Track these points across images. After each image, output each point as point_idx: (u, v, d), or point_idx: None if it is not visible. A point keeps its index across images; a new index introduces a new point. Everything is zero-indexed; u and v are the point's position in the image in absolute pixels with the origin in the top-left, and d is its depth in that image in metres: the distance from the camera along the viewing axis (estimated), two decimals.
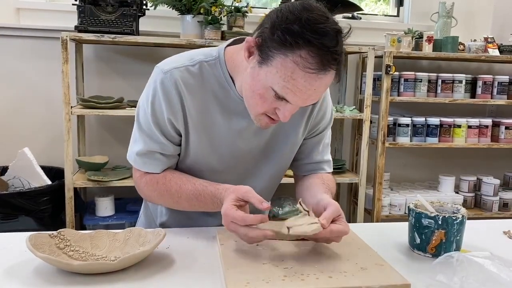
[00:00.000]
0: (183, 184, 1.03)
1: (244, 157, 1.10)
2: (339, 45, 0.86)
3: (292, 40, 0.84)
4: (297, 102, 0.90)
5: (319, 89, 0.89)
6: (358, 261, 0.88)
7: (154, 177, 1.06)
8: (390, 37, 2.42)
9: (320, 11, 0.87)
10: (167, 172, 1.06)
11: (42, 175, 2.18)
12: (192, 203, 1.03)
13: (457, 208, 1.01)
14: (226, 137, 1.06)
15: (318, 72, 0.85)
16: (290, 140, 1.12)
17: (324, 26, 0.84)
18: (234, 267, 0.84)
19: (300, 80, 0.86)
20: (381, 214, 2.49)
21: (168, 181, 1.04)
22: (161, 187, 1.05)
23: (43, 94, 2.39)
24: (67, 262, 0.81)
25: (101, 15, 2.14)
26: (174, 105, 1.00)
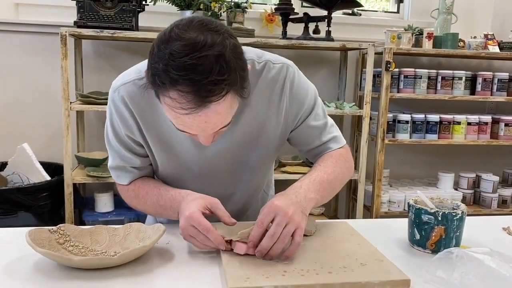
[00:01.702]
0: (149, 190, 1.05)
1: (216, 164, 1.06)
2: (219, 71, 0.76)
3: (159, 81, 0.78)
4: (200, 133, 0.86)
5: (210, 120, 0.82)
6: (358, 257, 0.88)
7: (127, 187, 1.09)
8: (390, 34, 2.42)
9: (189, 38, 0.76)
10: (137, 181, 1.09)
11: (41, 170, 2.17)
12: (154, 207, 1.04)
13: (457, 204, 1.01)
14: (188, 148, 1.03)
15: (194, 110, 0.78)
16: (264, 136, 1.06)
17: (189, 59, 0.75)
18: (234, 262, 0.84)
19: (184, 118, 0.81)
20: (380, 210, 2.49)
21: (137, 188, 1.08)
22: (131, 194, 1.09)
23: (42, 90, 2.38)
24: (68, 257, 0.81)
25: (101, 10, 2.13)
26: (127, 121, 1.00)
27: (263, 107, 1.03)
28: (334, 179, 1.04)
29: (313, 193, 0.96)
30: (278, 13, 2.39)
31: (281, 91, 1.03)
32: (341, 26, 2.62)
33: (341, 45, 2.32)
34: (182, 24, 0.79)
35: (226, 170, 1.09)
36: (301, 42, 2.28)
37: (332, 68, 2.67)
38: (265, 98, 1.02)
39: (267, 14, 2.50)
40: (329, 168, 1.04)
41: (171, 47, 0.76)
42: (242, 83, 0.82)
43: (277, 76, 1.02)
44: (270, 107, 1.04)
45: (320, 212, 2.58)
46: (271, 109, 1.04)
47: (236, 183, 1.12)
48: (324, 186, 1.00)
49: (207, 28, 0.79)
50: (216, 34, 0.78)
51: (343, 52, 2.62)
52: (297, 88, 1.05)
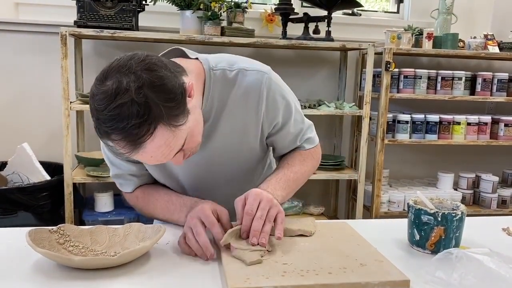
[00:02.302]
0: (160, 196, 1.08)
1: (202, 174, 1.09)
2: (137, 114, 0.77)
3: (98, 133, 0.83)
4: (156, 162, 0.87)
5: (155, 154, 0.84)
6: (358, 257, 0.88)
7: (132, 194, 1.13)
8: (390, 34, 2.42)
9: (106, 89, 0.78)
10: (145, 187, 1.12)
11: (41, 170, 2.17)
12: (163, 212, 1.07)
13: (457, 205, 1.01)
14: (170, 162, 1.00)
15: (133, 152, 0.82)
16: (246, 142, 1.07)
17: (108, 112, 0.77)
18: (234, 263, 0.84)
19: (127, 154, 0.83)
20: (380, 210, 2.49)
21: (147, 195, 1.10)
22: (140, 202, 1.11)
23: (42, 90, 2.38)
24: (68, 257, 0.81)
25: (101, 10, 2.13)
26: None
27: (240, 114, 1.03)
28: (300, 177, 1.11)
29: (279, 191, 1.01)
30: (278, 13, 2.39)
31: (258, 98, 1.02)
32: (341, 26, 2.62)
33: (341, 45, 2.32)
34: (100, 75, 0.82)
35: (213, 179, 1.11)
36: (301, 42, 2.28)
37: (332, 68, 2.68)
38: (242, 105, 1.03)
39: (267, 14, 2.50)
40: (296, 167, 1.10)
41: (95, 103, 0.81)
42: (170, 113, 0.81)
43: (253, 83, 1.01)
44: (248, 114, 1.04)
45: (320, 212, 2.58)
46: (249, 115, 1.04)
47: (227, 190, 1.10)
48: (289, 185, 1.06)
49: (121, 71, 0.80)
50: (128, 75, 0.79)
51: (343, 52, 2.62)
52: (273, 94, 1.04)
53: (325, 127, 2.72)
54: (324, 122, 2.70)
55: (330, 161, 2.47)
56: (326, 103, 2.42)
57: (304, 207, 2.55)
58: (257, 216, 0.90)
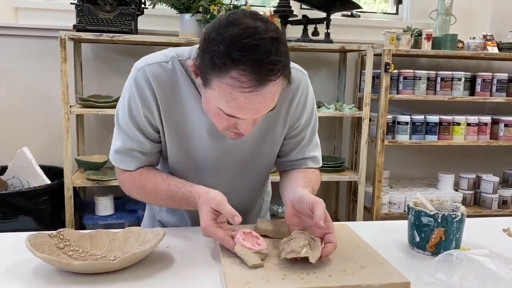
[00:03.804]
0: (158, 184, 1.04)
1: (224, 160, 1.08)
2: (277, 53, 0.81)
3: (220, 62, 0.81)
4: (248, 117, 0.89)
5: (264, 101, 0.86)
6: (358, 260, 0.88)
7: (131, 175, 1.06)
8: (389, 35, 2.42)
9: (247, 23, 0.82)
10: (143, 170, 1.06)
11: (42, 174, 2.17)
12: (168, 202, 1.05)
13: (457, 206, 1.01)
14: (202, 140, 1.05)
15: (255, 88, 0.82)
16: (269, 137, 1.09)
17: (251, 40, 0.80)
18: (234, 266, 0.84)
19: (240, 99, 0.84)
20: (380, 212, 2.49)
21: (144, 180, 1.05)
22: (137, 185, 1.06)
23: (42, 94, 2.39)
24: (67, 262, 0.81)
25: (100, 14, 2.14)
26: (149, 101, 1.01)
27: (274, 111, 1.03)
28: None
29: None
30: (277, 15, 2.39)
31: (293, 94, 1.07)
32: (340, 28, 2.62)
33: (340, 47, 2.32)
34: (237, 13, 0.85)
35: (231, 168, 1.10)
36: (300, 44, 2.28)
37: (331, 70, 2.68)
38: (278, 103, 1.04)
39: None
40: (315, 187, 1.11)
41: (231, 31, 0.81)
42: (289, 69, 0.87)
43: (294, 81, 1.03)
44: (280, 108, 1.06)
45: None
46: (281, 111, 1.07)
47: (238, 184, 1.13)
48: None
49: (258, 17, 0.85)
50: (267, 23, 0.84)
51: (342, 54, 2.62)
52: (306, 95, 1.09)
53: (325, 129, 2.72)
54: (324, 123, 2.70)
55: (330, 162, 2.47)
56: (326, 104, 2.42)
57: None
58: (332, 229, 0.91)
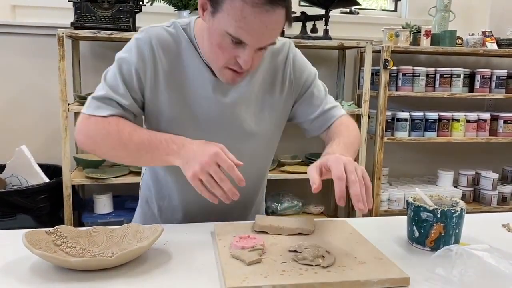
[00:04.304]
0: (139, 129, 1.00)
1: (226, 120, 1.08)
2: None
3: None
4: (253, 42, 0.92)
5: (270, 26, 0.91)
6: (357, 255, 0.88)
7: (106, 118, 1.00)
8: (388, 32, 2.42)
9: None
10: (120, 118, 1.02)
11: (40, 172, 2.17)
12: (139, 147, 0.97)
13: (456, 202, 1.01)
14: (200, 98, 1.06)
15: (265, 5, 0.87)
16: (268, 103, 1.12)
17: None
18: (232, 262, 0.83)
19: (250, 17, 0.88)
20: (380, 209, 2.49)
21: (122, 123, 1.00)
22: (112, 127, 0.99)
23: (40, 92, 2.38)
24: (64, 259, 0.81)
25: (97, 11, 2.13)
26: (146, 59, 1.03)
27: (269, 76, 1.12)
28: (353, 140, 1.12)
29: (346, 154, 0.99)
30: None
31: (285, 61, 1.13)
32: (339, 24, 2.61)
33: (339, 44, 2.32)
34: None
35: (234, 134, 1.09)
36: (299, 41, 2.27)
37: (330, 67, 2.67)
38: (271, 68, 1.12)
39: None
40: (344, 133, 1.11)
41: None
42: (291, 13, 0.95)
43: (281, 47, 1.13)
44: (276, 77, 1.13)
45: (320, 211, 2.58)
46: (278, 74, 1.13)
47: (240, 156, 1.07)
48: (348, 148, 1.05)
49: None
50: None
51: (341, 50, 2.62)
52: (299, 58, 1.16)
53: None
54: None
55: None
56: None
57: (304, 206, 2.55)
58: (352, 180, 0.87)
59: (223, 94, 1.07)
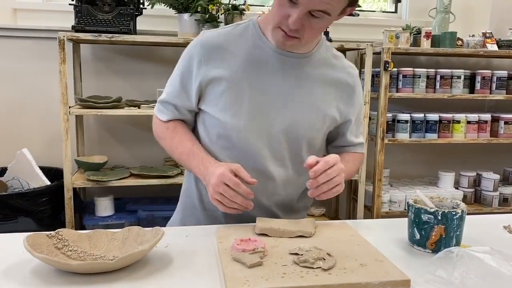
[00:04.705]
0: (186, 141, 1.14)
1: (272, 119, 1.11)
2: None
3: None
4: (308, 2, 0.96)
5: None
6: (358, 258, 0.88)
7: (166, 123, 1.18)
8: (388, 34, 2.42)
9: None
10: (178, 124, 1.18)
11: (41, 175, 2.17)
12: (181, 157, 1.14)
13: (457, 203, 1.01)
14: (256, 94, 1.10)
15: None
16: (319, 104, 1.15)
17: None
18: (233, 265, 0.84)
19: None
20: (381, 210, 2.49)
21: (177, 131, 1.16)
22: (168, 134, 1.17)
23: (41, 95, 2.38)
24: (65, 262, 0.81)
25: (98, 14, 2.13)
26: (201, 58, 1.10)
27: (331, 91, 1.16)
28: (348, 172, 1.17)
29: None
30: None
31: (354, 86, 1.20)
32: (339, 26, 2.61)
33: (339, 46, 2.32)
34: None
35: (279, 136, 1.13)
36: None
37: None
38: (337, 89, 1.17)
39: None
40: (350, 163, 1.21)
41: None
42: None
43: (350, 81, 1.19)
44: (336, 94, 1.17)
45: (321, 213, 2.58)
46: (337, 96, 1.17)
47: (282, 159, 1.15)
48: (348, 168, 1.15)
49: None
50: None
51: (341, 52, 2.61)
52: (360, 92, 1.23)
53: None
54: None
55: None
56: None
57: None
58: (327, 172, 0.99)
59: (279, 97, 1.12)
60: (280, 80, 1.11)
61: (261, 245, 0.89)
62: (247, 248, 0.87)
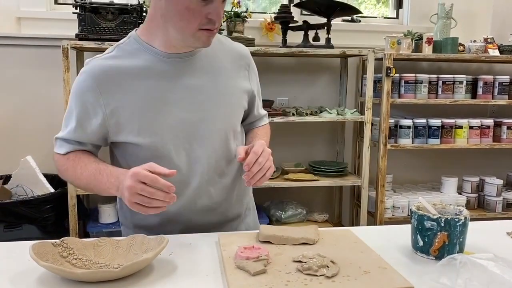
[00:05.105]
0: (90, 164, 1.07)
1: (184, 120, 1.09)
2: None
3: None
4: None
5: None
6: (361, 265, 0.88)
7: (64, 156, 1.11)
8: (389, 40, 2.43)
9: None
10: (79, 153, 1.11)
11: (45, 183, 2.18)
12: (89, 180, 1.06)
13: (460, 210, 1.01)
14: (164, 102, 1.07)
15: None
16: (230, 90, 1.16)
17: None
18: (237, 273, 0.84)
19: None
20: (384, 216, 2.48)
21: (78, 159, 1.09)
22: (69, 163, 1.10)
23: (45, 102, 2.40)
24: (70, 271, 0.81)
25: (102, 22, 2.15)
26: (95, 90, 1.05)
27: (233, 72, 1.17)
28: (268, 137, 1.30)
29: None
30: (277, 22, 2.40)
31: (248, 65, 1.22)
32: (341, 33, 2.63)
33: (341, 52, 2.33)
34: None
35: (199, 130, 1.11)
36: (301, 50, 2.29)
37: (332, 75, 2.68)
38: (235, 65, 1.18)
39: (267, 23, 2.52)
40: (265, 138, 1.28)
41: None
42: None
43: (243, 51, 1.22)
44: (239, 75, 1.19)
45: (324, 219, 2.58)
46: (240, 77, 1.19)
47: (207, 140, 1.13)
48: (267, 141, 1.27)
49: None
50: None
51: (343, 58, 2.63)
52: (254, 65, 1.26)
53: (327, 134, 2.72)
54: (326, 128, 2.70)
55: (333, 167, 2.47)
56: (328, 109, 2.42)
57: (308, 214, 2.55)
58: (258, 161, 1.04)
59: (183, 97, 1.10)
60: (184, 82, 1.09)
61: (264, 252, 0.89)
62: (251, 256, 0.88)
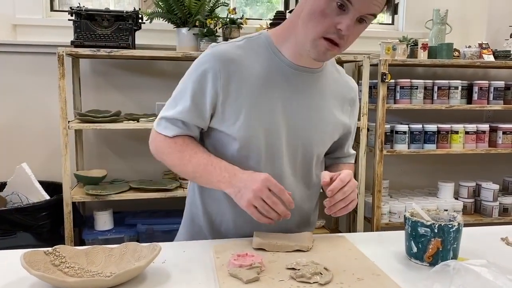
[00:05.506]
0: (200, 153, 1.07)
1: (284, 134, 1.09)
2: None
3: None
4: (358, 4, 0.93)
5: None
6: (355, 272, 0.88)
7: (171, 139, 1.09)
8: (385, 45, 2.44)
9: None
10: (187, 138, 1.10)
11: (41, 190, 2.17)
12: (196, 169, 1.05)
13: (453, 216, 1.01)
14: (273, 111, 1.06)
15: None
16: (330, 119, 1.15)
17: None
18: (230, 281, 0.84)
19: None
20: (381, 222, 2.48)
21: (186, 144, 1.08)
22: (176, 147, 1.08)
23: (41, 109, 2.40)
24: (62, 279, 0.81)
25: (97, 29, 2.15)
26: (216, 73, 1.03)
27: (338, 103, 1.17)
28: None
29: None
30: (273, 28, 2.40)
31: (354, 97, 1.22)
32: None
33: (336, 58, 2.32)
34: None
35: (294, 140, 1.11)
36: None
37: None
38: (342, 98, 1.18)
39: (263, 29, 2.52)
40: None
41: None
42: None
43: (352, 87, 1.22)
44: (343, 108, 1.18)
45: (321, 225, 2.57)
46: (343, 111, 1.18)
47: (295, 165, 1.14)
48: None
49: None
50: None
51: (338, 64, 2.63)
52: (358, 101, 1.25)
53: None
54: None
55: None
56: None
57: None
58: (344, 189, 1.01)
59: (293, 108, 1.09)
60: (297, 96, 1.08)
61: (258, 260, 0.89)
62: (244, 264, 0.87)
